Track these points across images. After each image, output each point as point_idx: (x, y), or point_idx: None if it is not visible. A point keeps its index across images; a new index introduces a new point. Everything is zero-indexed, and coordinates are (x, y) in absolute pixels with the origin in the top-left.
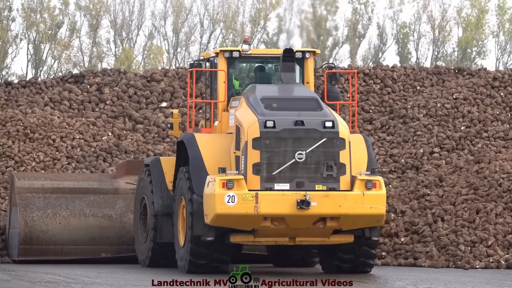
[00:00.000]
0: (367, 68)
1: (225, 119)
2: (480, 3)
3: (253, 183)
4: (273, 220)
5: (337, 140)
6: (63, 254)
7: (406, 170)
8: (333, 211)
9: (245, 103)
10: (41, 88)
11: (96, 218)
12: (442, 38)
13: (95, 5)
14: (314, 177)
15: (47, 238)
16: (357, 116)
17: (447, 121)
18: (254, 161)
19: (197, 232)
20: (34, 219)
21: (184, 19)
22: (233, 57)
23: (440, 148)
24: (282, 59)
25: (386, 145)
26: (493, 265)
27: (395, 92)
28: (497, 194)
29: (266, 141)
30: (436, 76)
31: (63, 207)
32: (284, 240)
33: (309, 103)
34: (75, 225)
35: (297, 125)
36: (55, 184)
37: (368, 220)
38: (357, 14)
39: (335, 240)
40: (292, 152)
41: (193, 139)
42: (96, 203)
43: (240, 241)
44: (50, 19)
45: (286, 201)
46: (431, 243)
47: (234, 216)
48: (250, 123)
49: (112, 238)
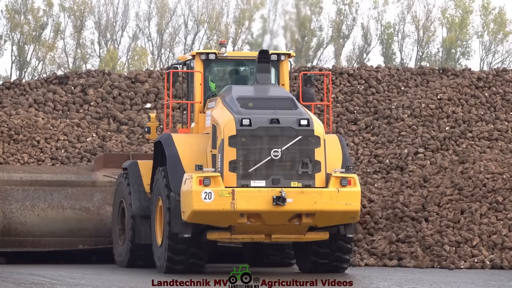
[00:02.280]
0: (351, 69)
1: (201, 120)
2: (465, 4)
3: (229, 180)
4: (249, 217)
5: (312, 138)
6: (41, 245)
7: (391, 171)
8: (309, 208)
9: (221, 103)
10: (25, 89)
11: (73, 211)
12: (427, 38)
13: (79, 6)
14: (289, 174)
15: (25, 230)
16: (341, 117)
17: (432, 122)
18: (230, 158)
19: (174, 230)
20: (12, 211)
21: (168, 20)
22: (209, 60)
23: (425, 149)
24: (258, 60)
25: (371, 145)
26: (478, 265)
27: (379, 92)
28: (481, 194)
29: (242, 139)
30: (420, 77)
31: (41, 199)
32: (260, 237)
33: (284, 102)
34: (53, 217)
35: (273, 123)
36: (33, 177)
37: (343, 216)
38: (341, 14)
39: (310, 237)
40: (267, 150)
41: (170, 139)
42: (74, 195)
43: (216, 238)
44: (34, 20)
45: (262, 197)
46: (415, 243)
47: (211, 212)
48: (227, 121)
49: (89, 230)
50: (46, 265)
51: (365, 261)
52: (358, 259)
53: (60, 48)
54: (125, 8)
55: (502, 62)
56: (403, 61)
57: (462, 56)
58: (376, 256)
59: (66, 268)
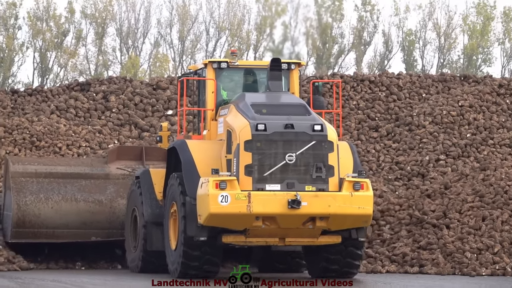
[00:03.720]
0: (372, 76)
1: (213, 127)
2: (486, 10)
3: (245, 184)
4: (264, 220)
5: (326, 143)
6: (54, 237)
7: (412, 178)
8: (323, 211)
9: (235, 110)
10: (47, 96)
11: (87, 203)
12: (448, 45)
13: (100, 13)
14: (304, 178)
15: (39, 221)
16: (362, 123)
17: (453, 129)
18: (246, 162)
19: (190, 233)
20: (27, 203)
21: (190, 27)
22: (221, 68)
23: (446, 156)
24: (270, 68)
25: (392, 152)
26: (499, 272)
27: (400, 99)
28: (503, 201)
29: (258, 144)
30: (441, 84)
31: (55, 191)
32: (274, 240)
33: (297, 108)
34: (67, 210)
35: (287, 128)
36: (48, 169)
37: (356, 220)
38: (362, 21)
39: (323, 240)
40: (282, 154)
41: (185, 145)
42: (87, 188)
43: (232, 241)
44: (56, 27)
45: (277, 200)
46: (437, 250)
47: (227, 215)
48: (242, 126)
49: (102, 223)
50: (68, 271)
51: (386, 268)
52: (379, 266)
53: (82, 55)
54: (147, 15)
55: None
56: (425, 68)
57: (484, 63)
58: (397, 263)
59: (88, 274)
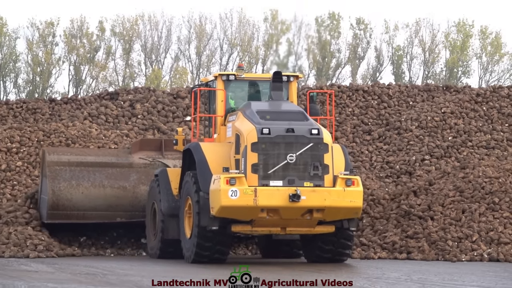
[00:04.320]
0: (366, 86)
1: (223, 132)
2: (465, 29)
3: (252, 181)
4: (268, 212)
5: (322, 145)
6: (84, 218)
7: (401, 175)
8: (319, 204)
9: (242, 116)
10: (81, 104)
11: (113, 189)
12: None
13: (128, 31)
14: (303, 176)
15: (71, 205)
16: (357, 128)
17: (436, 132)
18: (252, 162)
19: (203, 223)
20: (60, 189)
21: (206, 43)
22: (229, 80)
23: (430, 156)
24: (272, 80)
25: (383, 153)
26: (477, 258)
27: (390, 106)
28: (480, 196)
29: (263, 145)
30: (426, 93)
31: (85, 179)
32: (277, 229)
33: (297, 115)
34: (95, 195)
35: (289, 132)
36: (79, 159)
37: (348, 212)
38: (357, 38)
39: (319, 230)
40: (284, 155)
41: (199, 147)
42: (114, 175)
43: (240, 231)
44: (89, 44)
45: (280, 195)
46: (422, 239)
47: (236, 207)
48: (249, 130)
49: (126, 206)
50: (99, 258)
51: (378, 255)
52: (372, 252)
53: (111, 68)
54: (168, 33)
55: (498, 80)
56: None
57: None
58: (388, 250)
59: (116, 260)
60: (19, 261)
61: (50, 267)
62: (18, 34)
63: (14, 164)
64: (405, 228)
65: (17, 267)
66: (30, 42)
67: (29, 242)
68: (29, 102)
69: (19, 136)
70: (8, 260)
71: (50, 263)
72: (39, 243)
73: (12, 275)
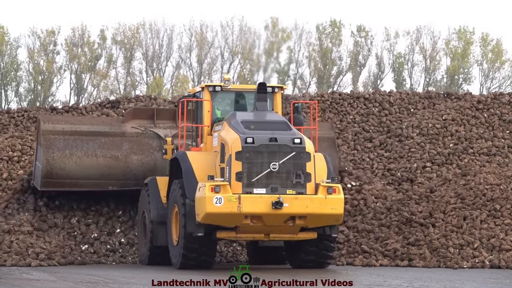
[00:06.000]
0: (367, 93)
1: (209, 141)
2: (466, 36)
3: (236, 188)
4: (252, 218)
5: (304, 154)
6: (77, 186)
7: (402, 182)
8: (301, 211)
9: (227, 126)
10: (82, 113)
11: (105, 158)
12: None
13: (129, 40)
14: (285, 183)
15: (64, 174)
16: (358, 135)
17: (438, 139)
18: (236, 170)
19: (189, 230)
20: (54, 158)
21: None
22: (216, 91)
23: (432, 163)
24: (257, 91)
25: (384, 160)
26: (479, 265)
27: (391, 114)
28: (481, 203)
29: (247, 154)
30: (427, 100)
31: (78, 148)
32: (260, 236)
33: (280, 125)
34: (88, 164)
35: (272, 141)
36: (73, 128)
37: (329, 219)
38: (358, 46)
39: (302, 236)
40: (267, 163)
41: (185, 155)
42: (106, 145)
43: (224, 237)
44: (90, 52)
45: (263, 202)
46: (424, 246)
47: (221, 214)
48: (233, 139)
49: (118, 175)
50: (100, 266)
51: (380, 262)
52: (373, 260)
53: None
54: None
55: (499, 87)
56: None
57: (464, 82)
58: (389, 257)
59: (118, 268)
60: (21, 269)
61: (52, 276)
62: (19, 43)
63: (15, 173)
64: (407, 235)
65: (19, 276)
66: (31, 51)
67: (30, 251)
68: (31, 111)
69: (20, 145)
70: (10, 269)
71: (52, 271)
72: (40, 251)
73: (14, 284)
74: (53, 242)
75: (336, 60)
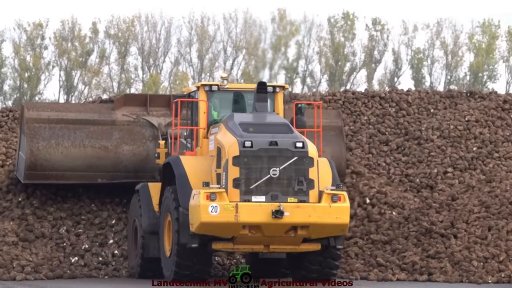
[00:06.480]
0: (383, 92)
1: (205, 144)
2: (491, 30)
3: (233, 196)
4: (250, 228)
5: (307, 159)
6: (64, 178)
7: (421, 189)
8: (304, 220)
9: (224, 128)
10: None
11: (94, 149)
12: (455, 63)
13: (123, 33)
14: (286, 191)
15: (49, 165)
16: (373, 138)
17: (460, 142)
18: (234, 176)
19: (183, 240)
20: (39, 148)
21: (208, 46)
22: (212, 91)
23: (453, 168)
24: (257, 91)
25: (402, 165)
26: (505, 280)
27: (410, 114)
28: (508, 211)
29: (245, 159)
30: (449, 100)
31: (65, 137)
32: (259, 247)
33: (281, 127)
34: (75, 155)
35: (272, 145)
36: (60, 115)
37: (334, 229)
38: (373, 40)
39: (304, 247)
40: (267, 169)
41: (179, 160)
42: (95, 134)
43: (221, 248)
44: (81, 47)
45: (262, 211)
46: (445, 259)
47: (217, 224)
48: (231, 143)
49: (107, 167)
50: (92, 280)
51: (397, 276)
52: (390, 274)
53: (105, 73)
54: (167, 34)
55: None
56: (432, 84)
57: (489, 79)
58: (407, 271)
59: (110, 283)
60: (5, 284)
61: None
62: (4, 36)
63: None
64: (426, 247)
65: None
66: (17, 46)
67: (15, 263)
68: (16, 111)
69: (5, 148)
70: None
71: (39, 286)
72: (26, 264)
73: None
74: (40, 254)
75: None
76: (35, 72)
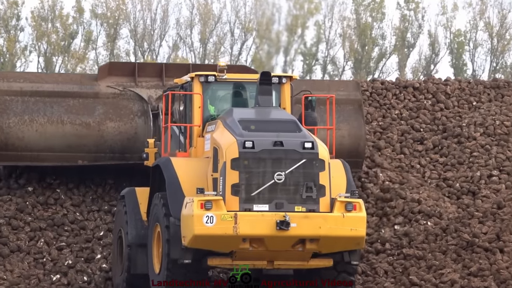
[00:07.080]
0: (417, 82)
1: (200, 144)
2: None
3: (231, 204)
4: (252, 242)
5: (317, 162)
6: (39, 160)
7: (462, 196)
8: (313, 233)
9: (222, 126)
10: None
11: (73, 126)
12: (501, 47)
13: (113, 13)
14: (293, 198)
15: (23, 145)
16: (405, 135)
17: (507, 141)
18: (232, 181)
19: (174, 256)
20: (10, 125)
21: (212, 27)
22: (209, 82)
23: (499, 171)
24: (259, 83)
25: (439, 167)
26: None
27: (448, 108)
28: None
29: (245, 162)
30: (494, 90)
31: (40, 113)
32: (263, 263)
33: (287, 125)
34: (52, 133)
35: (276, 145)
36: (34, 87)
37: (348, 242)
38: (406, 21)
39: (314, 264)
40: (271, 173)
41: (169, 162)
42: (75, 108)
43: (217, 264)
44: (63, 28)
45: (265, 221)
46: (489, 277)
47: (213, 237)
48: (229, 143)
49: (89, 146)
50: None
51: None
52: None
53: (92, 59)
54: (164, 14)
55: None
56: (475, 73)
57: None
58: None
59: None
60: None
61: None
62: None
63: None
64: (467, 263)
65: None
66: None
67: None
68: None
69: None
70: None
71: None
72: (0, 283)
73: None
74: (16, 271)
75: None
76: (9, 58)
